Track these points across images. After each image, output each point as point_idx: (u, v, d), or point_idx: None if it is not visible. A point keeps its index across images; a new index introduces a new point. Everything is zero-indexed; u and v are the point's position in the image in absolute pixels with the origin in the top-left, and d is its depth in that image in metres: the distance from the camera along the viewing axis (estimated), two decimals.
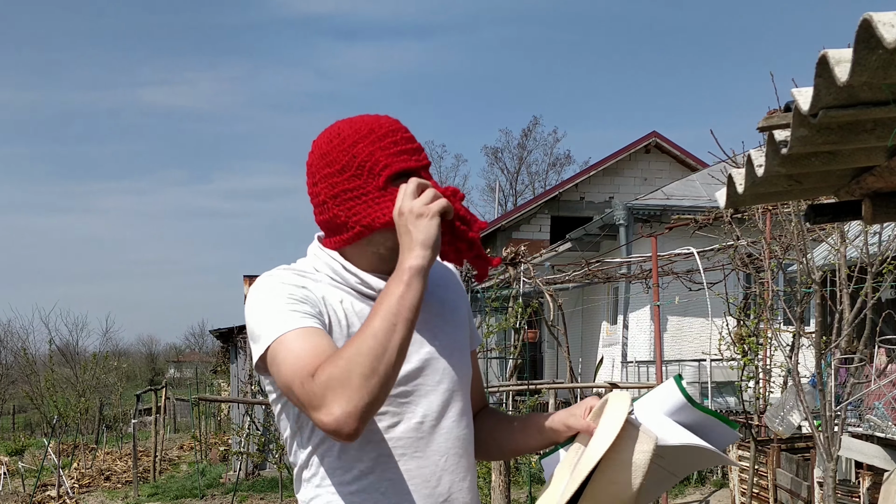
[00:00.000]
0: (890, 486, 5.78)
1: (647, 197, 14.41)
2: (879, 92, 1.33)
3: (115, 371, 23.21)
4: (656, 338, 8.59)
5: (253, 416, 12.75)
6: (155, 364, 47.54)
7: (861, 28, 1.19)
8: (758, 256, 7.11)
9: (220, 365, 28.93)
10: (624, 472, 1.61)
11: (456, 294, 1.81)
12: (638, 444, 1.61)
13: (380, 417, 1.61)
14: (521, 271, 11.65)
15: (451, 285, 1.81)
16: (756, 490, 7.78)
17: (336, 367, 1.44)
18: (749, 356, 7.64)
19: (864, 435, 6.83)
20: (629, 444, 1.61)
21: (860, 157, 1.76)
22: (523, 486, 10.54)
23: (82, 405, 18.97)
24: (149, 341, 52.98)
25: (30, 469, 15.75)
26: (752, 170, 1.91)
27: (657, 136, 18.86)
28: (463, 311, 1.80)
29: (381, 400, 1.46)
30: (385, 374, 1.45)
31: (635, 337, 13.87)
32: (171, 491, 12.92)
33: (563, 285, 13.76)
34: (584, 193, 19.37)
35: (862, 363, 6.11)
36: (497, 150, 40.58)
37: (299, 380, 1.46)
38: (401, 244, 1.55)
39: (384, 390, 1.46)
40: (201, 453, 15.81)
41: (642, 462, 1.61)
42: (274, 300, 1.58)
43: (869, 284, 5.61)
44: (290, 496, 10.92)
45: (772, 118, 1.75)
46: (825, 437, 5.44)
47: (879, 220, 2.04)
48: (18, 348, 28.11)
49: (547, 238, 19.21)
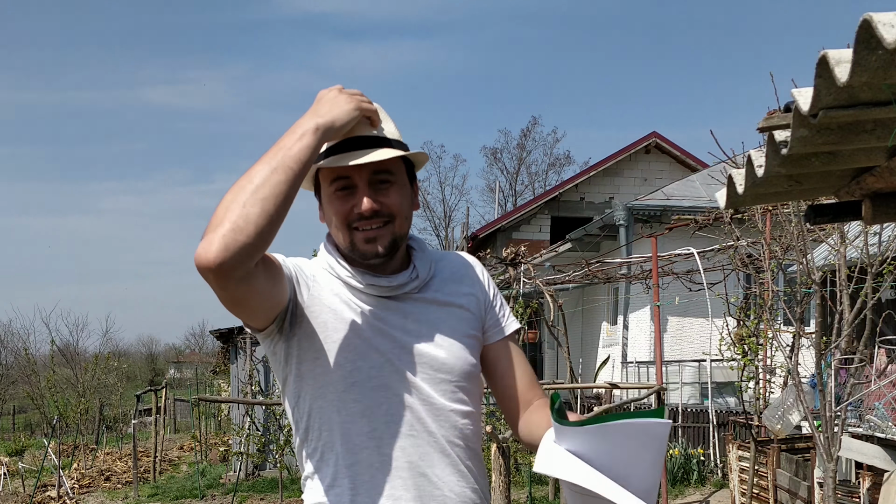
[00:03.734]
0: (890, 486, 5.78)
1: (647, 197, 14.42)
2: (879, 92, 1.34)
3: (115, 371, 23.21)
4: (656, 338, 8.59)
5: (253, 417, 12.74)
6: (155, 364, 47.52)
7: (861, 28, 1.19)
8: (758, 257, 7.11)
9: (220, 365, 28.93)
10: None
11: (470, 287, 1.81)
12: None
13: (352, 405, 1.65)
14: (522, 272, 11.66)
15: (467, 279, 1.82)
16: (756, 490, 7.78)
17: (215, 212, 1.45)
18: (749, 356, 7.64)
19: (864, 435, 6.83)
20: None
21: (860, 157, 1.76)
22: (523, 486, 10.54)
23: (82, 405, 18.98)
24: (149, 342, 53.04)
25: (30, 469, 15.75)
26: (752, 170, 1.91)
27: (657, 137, 18.86)
28: (473, 303, 1.80)
29: (248, 232, 1.41)
30: (253, 207, 1.42)
31: (635, 337, 13.87)
32: (171, 491, 12.92)
33: (563, 286, 13.77)
34: (584, 194, 19.38)
35: (862, 363, 6.10)
36: (496, 151, 40.62)
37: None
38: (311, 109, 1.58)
39: (251, 223, 1.41)
40: (201, 454, 15.80)
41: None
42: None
43: (869, 285, 5.60)
44: (290, 496, 10.92)
45: (772, 119, 1.75)
46: (825, 437, 5.44)
47: (879, 221, 2.04)
48: (19, 349, 28.12)
49: (547, 238, 19.22)
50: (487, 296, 1.84)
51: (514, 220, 19.55)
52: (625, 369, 13.73)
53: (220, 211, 1.43)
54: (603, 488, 1.38)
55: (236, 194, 1.43)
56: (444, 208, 41.18)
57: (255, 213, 1.42)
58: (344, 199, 1.67)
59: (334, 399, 1.66)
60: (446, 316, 1.75)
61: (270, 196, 1.43)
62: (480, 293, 1.82)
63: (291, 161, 1.47)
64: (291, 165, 1.47)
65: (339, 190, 1.66)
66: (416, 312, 1.72)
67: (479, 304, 1.81)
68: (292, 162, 1.47)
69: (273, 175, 1.45)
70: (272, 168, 1.45)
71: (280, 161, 1.46)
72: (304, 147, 1.49)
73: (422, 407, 1.68)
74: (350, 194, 1.66)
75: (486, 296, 1.83)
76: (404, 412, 1.67)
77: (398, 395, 1.67)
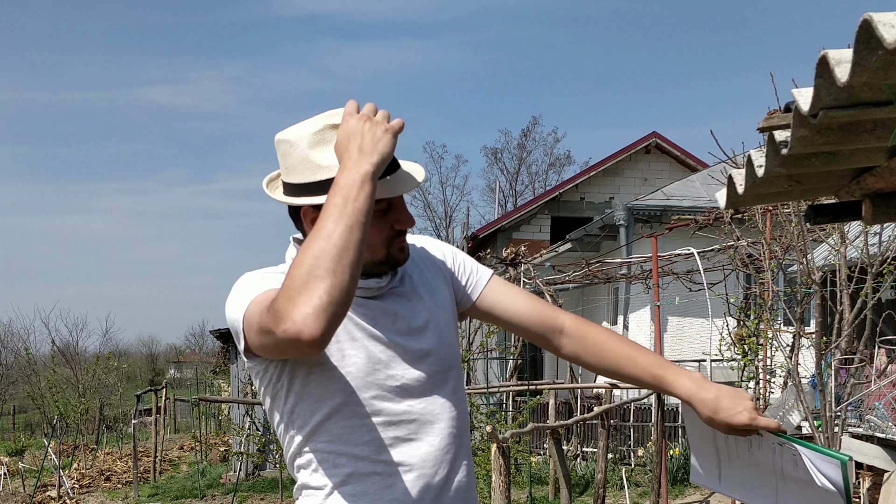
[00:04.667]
0: (890, 486, 5.78)
1: (648, 197, 14.41)
2: (879, 92, 1.33)
3: (115, 371, 23.20)
4: (656, 338, 8.59)
5: (253, 417, 12.74)
6: (155, 364, 47.52)
7: (861, 28, 1.19)
8: (758, 257, 7.10)
9: (221, 365, 28.93)
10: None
11: (431, 270, 1.81)
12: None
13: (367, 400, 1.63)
14: (522, 272, 11.66)
15: (424, 263, 1.81)
16: None
17: (292, 277, 1.41)
18: (749, 357, 7.63)
19: (865, 435, 6.83)
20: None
21: (860, 157, 1.76)
22: (523, 486, 10.53)
23: (82, 405, 18.97)
24: (149, 341, 53.04)
25: (30, 469, 15.74)
26: (753, 170, 1.91)
27: (657, 137, 18.85)
28: (442, 282, 1.81)
29: (343, 303, 1.42)
30: (343, 275, 1.41)
31: (636, 337, 13.86)
32: (171, 491, 12.92)
33: (564, 286, 13.77)
34: (584, 194, 19.37)
35: (862, 364, 6.10)
36: (497, 151, 40.63)
37: (266, 310, 1.46)
38: (347, 149, 1.53)
39: (344, 292, 1.42)
40: (201, 454, 15.79)
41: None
42: (247, 289, 1.61)
43: (869, 285, 5.60)
44: (291, 496, 10.91)
45: (772, 119, 1.75)
46: (825, 437, 5.44)
47: (879, 221, 2.03)
48: (19, 349, 28.10)
49: (547, 238, 19.21)
50: (450, 268, 1.84)
51: (515, 220, 19.54)
52: None
53: (303, 275, 1.40)
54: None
55: (319, 259, 1.41)
56: (444, 208, 41.22)
57: (346, 280, 1.42)
58: (383, 217, 1.65)
59: (334, 407, 1.64)
60: (427, 304, 1.75)
61: (355, 260, 1.44)
62: (444, 268, 1.83)
63: (361, 215, 1.46)
64: (362, 220, 1.46)
65: (380, 210, 1.64)
66: (399, 308, 1.71)
67: (447, 280, 1.82)
68: (362, 216, 1.46)
69: (352, 235, 1.44)
70: (348, 227, 1.44)
71: (353, 217, 1.45)
72: (367, 196, 1.48)
73: (423, 405, 1.67)
74: (385, 212, 1.65)
75: (449, 269, 1.84)
76: (404, 414, 1.66)
77: (397, 398, 1.66)
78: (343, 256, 1.42)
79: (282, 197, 1.67)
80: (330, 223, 1.44)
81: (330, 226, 1.43)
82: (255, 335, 1.53)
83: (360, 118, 1.55)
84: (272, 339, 1.45)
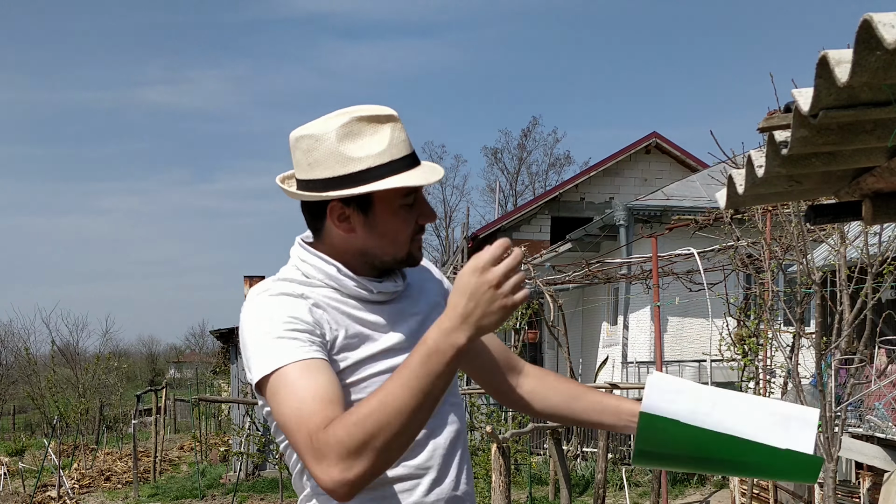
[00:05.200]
0: (890, 486, 5.79)
1: (648, 197, 14.41)
2: (880, 92, 1.33)
3: (115, 371, 23.19)
4: (656, 338, 8.59)
5: (253, 417, 12.74)
6: (155, 364, 47.51)
7: (861, 28, 1.19)
8: (758, 257, 7.10)
9: (221, 365, 28.95)
10: None
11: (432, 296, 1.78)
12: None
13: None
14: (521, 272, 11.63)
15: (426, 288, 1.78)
16: (756, 490, 7.78)
17: (348, 433, 1.37)
18: (749, 357, 7.64)
19: (865, 435, 6.84)
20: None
21: (860, 157, 1.75)
22: (523, 486, 10.54)
23: (83, 405, 18.97)
24: (149, 341, 53.04)
25: (30, 469, 15.74)
26: (753, 170, 1.91)
27: (657, 137, 18.85)
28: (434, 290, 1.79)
29: (383, 471, 1.42)
30: (398, 451, 1.40)
31: (635, 337, 13.87)
32: (171, 491, 12.93)
33: (564, 286, 13.76)
34: (584, 194, 19.37)
35: (862, 364, 6.10)
36: (497, 151, 40.64)
37: (305, 430, 1.40)
38: (457, 304, 1.38)
39: (388, 463, 1.41)
40: (201, 454, 15.80)
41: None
42: (270, 323, 1.51)
43: (869, 285, 5.60)
44: (290, 496, 10.92)
45: (772, 119, 1.75)
46: (825, 437, 5.44)
47: (879, 221, 2.03)
48: (20, 349, 28.09)
49: (547, 238, 19.20)
50: (446, 288, 1.83)
51: (515, 221, 19.53)
52: (625, 369, 13.73)
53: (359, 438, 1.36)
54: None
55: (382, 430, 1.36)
56: (444, 208, 41.24)
57: (396, 457, 1.41)
58: (409, 211, 1.62)
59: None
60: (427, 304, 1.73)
61: (416, 433, 1.42)
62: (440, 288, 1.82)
63: (439, 392, 1.40)
64: (438, 396, 1.40)
65: (407, 204, 1.61)
66: (410, 308, 1.69)
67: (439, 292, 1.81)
68: (439, 393, 1.40)
69: (424, 414, 1.40)
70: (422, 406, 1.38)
71: (432, 397, 1.39)
72: (451, 372, 1.40)
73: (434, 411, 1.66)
74: (411, 206, 1.63)
75: (444, 290, 1.82)
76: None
77: None
78: (408, 434, 1.39)
79: (308, 193, 1.60)
80: (411, 399, 1.37)
81: (411, 402, 1.37)
82: (280, 422, 1.48)
83: (485, 283, 1.36)
84: (297, 451, 1.44)
